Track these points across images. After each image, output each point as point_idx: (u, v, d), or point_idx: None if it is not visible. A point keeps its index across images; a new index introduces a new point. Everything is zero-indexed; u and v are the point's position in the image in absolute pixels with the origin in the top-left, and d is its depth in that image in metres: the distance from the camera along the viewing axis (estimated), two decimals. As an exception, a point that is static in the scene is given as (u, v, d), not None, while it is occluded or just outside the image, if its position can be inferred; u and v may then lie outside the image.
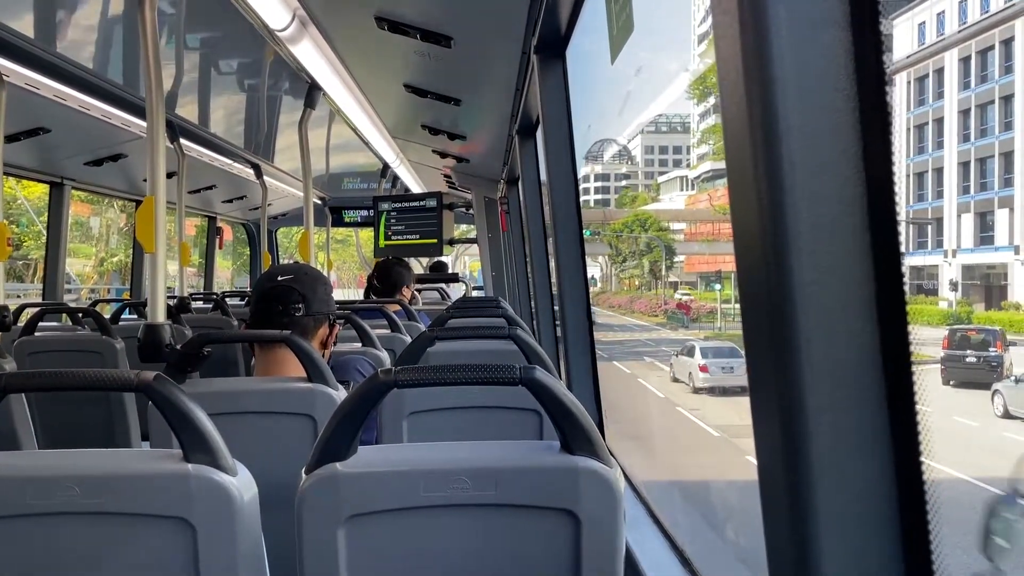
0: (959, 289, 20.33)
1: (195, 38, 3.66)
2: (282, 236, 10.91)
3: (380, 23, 2.93)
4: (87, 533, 1.15)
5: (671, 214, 44.40)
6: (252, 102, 4.91)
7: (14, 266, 19.48)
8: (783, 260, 0.75)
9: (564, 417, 1.19)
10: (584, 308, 3.00)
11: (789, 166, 0.74)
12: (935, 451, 0.76)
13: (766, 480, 0.82)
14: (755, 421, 0.83)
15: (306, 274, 2.17)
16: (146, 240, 2.46)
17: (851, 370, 0.76)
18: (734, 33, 0.76)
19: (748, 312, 0.83)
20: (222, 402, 1.77)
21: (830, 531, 0.76)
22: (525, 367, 1.20)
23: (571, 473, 1.17)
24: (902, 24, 16.98)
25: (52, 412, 3.23)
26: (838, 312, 0.76)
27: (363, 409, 1.19)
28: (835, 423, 0.76)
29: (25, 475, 1.15)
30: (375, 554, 1.18)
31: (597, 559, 1.18)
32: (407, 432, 2.00)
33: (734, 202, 0.82)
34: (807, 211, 0.75)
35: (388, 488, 1.17)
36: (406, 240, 7.23)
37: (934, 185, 21.77)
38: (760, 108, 0.74)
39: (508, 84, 3.63)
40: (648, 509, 2.34)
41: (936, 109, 21.30)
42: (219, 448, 1.17)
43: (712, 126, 48.24)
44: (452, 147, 5.74)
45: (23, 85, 3.49)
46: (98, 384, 1.20)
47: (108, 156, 5.01)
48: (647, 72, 52.47)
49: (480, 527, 1.19)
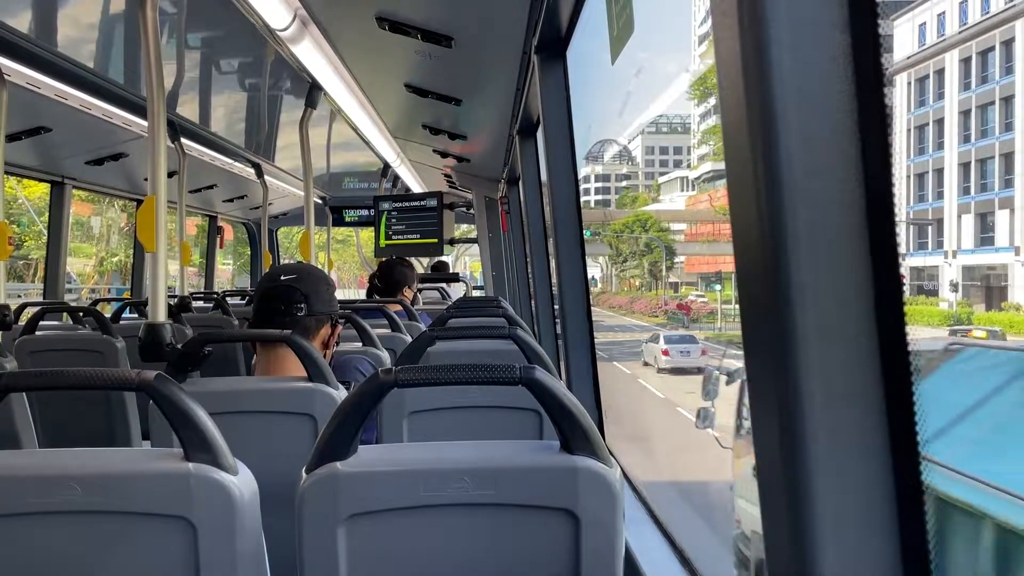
0: (959, 290, 20.34)
1: (196, 37, 3.66)
2: (282, 236, 10.90)
3: (381, 23, 2.93)
4: (88, 532, 1.15)
5: (671, 215, 44.46)
6: (253, 101, 4.92)
7: (14, 266, 19.48)
8: (782, 260, 0.76)
9: (564, 417, 1.19)
10: (584, 308, 3.01)
11: (788, 167, 0.74)
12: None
13: (765, 479, 0.82)
14: (754, 421, 0.84)
15: (309, 274, 2.17)
16: (147, 239, 2.47)
17: (849, 370, 0.76)
18: (733, 34, 0.76)
19: (747, 312, 0.83)
20: (223, 401, 1.77)
21: (828, 530, 0.76)
22: (525, 367, 1.20)
23: (571, 473, 1.18)
24: (903, 25, 16.98)
25: (52, 412, 3.23)
26: (836, 312, 0.76)
27: (364, 408, 1.19)
28: (834, 423, 0.76)
29: (26, 474, 1.15)
30: (375, 553, 1.19)
31: (597, 559, 1.18)
32: (407, 432, 2.00)
33: (733, 203, 0.82)
34: (806, 212, 0.75)
35: (388, 488, 1.18)
36: (407, 240, 7.23)
37: (934, 186, 21.77)
38: (759, 109, 0.75)
39: (509, 84, 3.63)
40: (648, 509, 2.35)
41: (936, 110, 21.30)
42: (220, 447, 1.17)
43: (712, 127, 48.27)
44: (453, 147, 5.74)
45: (24, 84, 3.49)
46: (99, 383, 1.20)
47: (109, 155, 5.01)
48: (647, 73, 52.55)
49: (480, 527, 1.19)
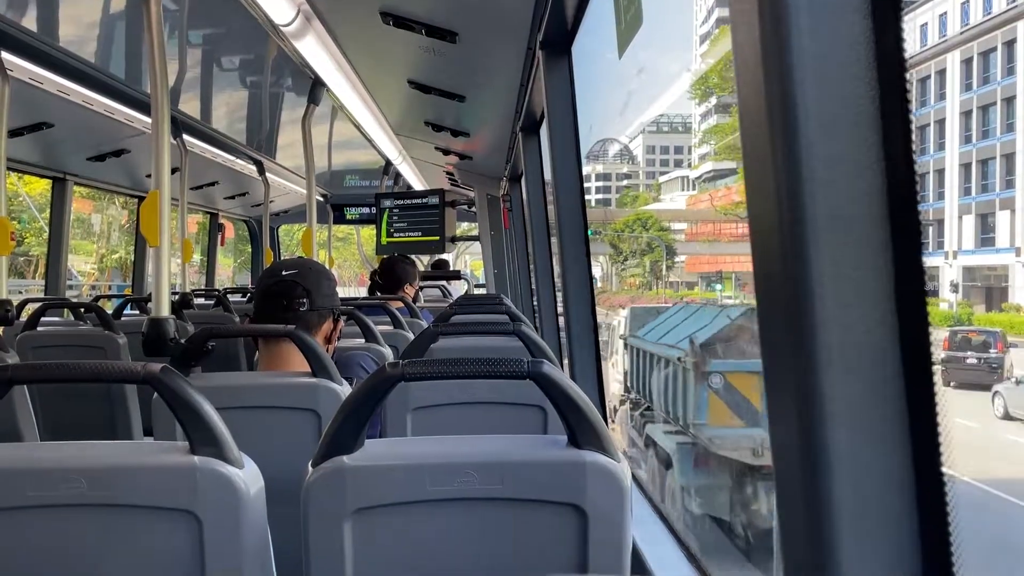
0: (960, 290, 20.35)
1: (198, 33, 3.65)
2: (283, 233, 10.89)
3: (385, 18, 2.92)
4: (93, 525, 1.14)
5: (672, 214, 44.47)
6: (255, 98, 4.91)
7: (15, 262, 19.48)
8: (800, 251, 0.74)
9: (571, 411, 1.19)
10: (588, 305, 3.00)
11: (807, 155, 0.73)
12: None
13: (782, 475, 0.81)
14: (770, 415, 0.82)
15: (310, 269, 2.16)
16: (150, 234, 2.46)
17: (869, 364, 0.75)
18: (752, 20, 0.75)
19: (764, 304, 0.82)
20: (226, 396, 1.76)
21: (847, 527, 0.75)
22: (533, 360, 1.19)
23: (578, 467, 1.17)
24: (904, 25, 16.97)
25: (54, 407, 3.22)
26: (856, 304, 0.75)
27: (370, 402, 1.19)
28: (853, 417, 0.75)
29: (31, 467, 1.14)
30: (381, 547, 1.18)
31: (603, 553, 1.17)
32: (411, 428, 2.00)
33: (750, 192, 0.81)
34: (825, 202, 0.74)
35: (394, 481, 1.17)
36: (408, 237, 7.22)
37: (935, 186, 21.78)
38: (778, 96, 0.73)
39: (513, 80, 3.62)
40: (653, 505, 2.34)
41: (938, 110, 21.30)
42: (226, 440, 1.16)
43: (713, 126, 48.26)
44: (455, 144, 5.73)
45: (26, 80, 3.48)
46: (104, 376, 1.19)
47: (111, 151, 5.00)
48: (649, 72, 52.58)
49: (486, 521, 1.19)
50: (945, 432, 0.73)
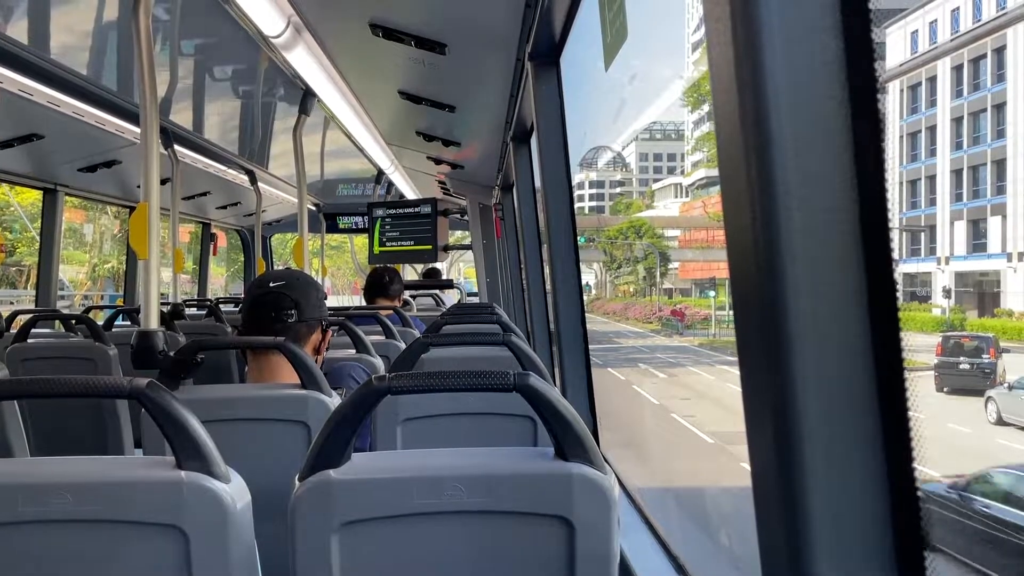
0: (952, 296, 20.40)
1: (189, 44, 3.66)
2: (276, 242, 10.88)
3: (375, 30, 2.93)
4: (79, 541, 1.14)
5: (665, 221, 44.49)
6: (246, 108, 4.91)
7: (7, 272, 19.42)
8: (775, 266, 0.76)
9: (558, 423, 1.19)
10: (579, 315, 3.00)
11: (781, 173, 0.74)
12: (929, 457, 0.76)
13: (760, 484, 0.82)
14: (748, 426, 0.83)
15: (298, 280, 2.17)
16: (140, 246, 2.46)
17: (844, 375, 0.76)
18: (726, 40, 0.76)
19: (741, 318, 0.83)
20: (216, 409, 1.76)
21: (823, 536, 0.76)
22: (520, 373, 1.20)
23: (565, 480, 1.17)
24: (895, 32, 17.06)
25: (44, 420, 3.22)
26: (830, 318, 0.76)
27: (357, 416, 1.19)
28: (828, 428, 0.76)
29: (17, 482, 1.14)
30: (368, 562, 1.18)
31: (591, 566, 1.18)
32: (401, 439, 2.00)
33: (727, 209, 0.82)
34: (799, 218, 0.75)
35: (382, 495, 1.17)
36: (401, 246, 7.22)
37: (927, 192, 21.85)
38: (752, 115, 0.75)
39: (502, 91, 3.64)
40: (642, 515, 2.34)
41: (929, 117, 21.40)
42: (212, 455, 1.17)
43: (706, 133, 48.38)
44: (447, 153, 5.74)
45: (16, 91, 3.48)
46: (91, 391, 1.19)
47: (102, 162, 5.00)
48: (641, 79, 52.67)
49: (474, 534, 1.19)
50: (917, 438, 0.74)
